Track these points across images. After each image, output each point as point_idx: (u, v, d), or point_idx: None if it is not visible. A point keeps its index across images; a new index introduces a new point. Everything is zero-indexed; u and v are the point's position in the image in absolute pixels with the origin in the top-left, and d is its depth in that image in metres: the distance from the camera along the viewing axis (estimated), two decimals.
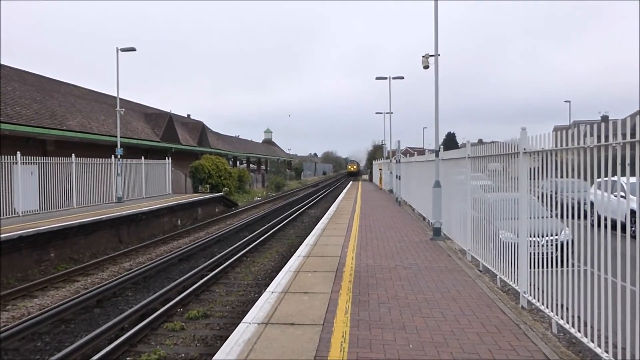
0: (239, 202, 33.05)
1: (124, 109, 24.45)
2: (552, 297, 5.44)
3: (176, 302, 9.29)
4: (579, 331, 4.80)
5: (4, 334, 7.49)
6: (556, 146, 5.41)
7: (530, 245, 6.16)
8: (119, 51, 21.97)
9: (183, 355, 7.07)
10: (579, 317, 4.83)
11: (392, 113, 35.05)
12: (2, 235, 11.63)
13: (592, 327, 4.54)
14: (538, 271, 5.83)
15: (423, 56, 12.39)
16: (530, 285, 6.13)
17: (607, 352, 4.28)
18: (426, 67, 12.51)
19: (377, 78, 30.83)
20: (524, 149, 6.33)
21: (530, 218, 6.27)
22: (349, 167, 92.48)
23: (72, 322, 8.70)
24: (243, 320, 5.63)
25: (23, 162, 16.63)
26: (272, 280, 7.83)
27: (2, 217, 15.43)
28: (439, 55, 11.74)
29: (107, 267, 13.30)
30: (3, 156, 15.80)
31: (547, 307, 5.58)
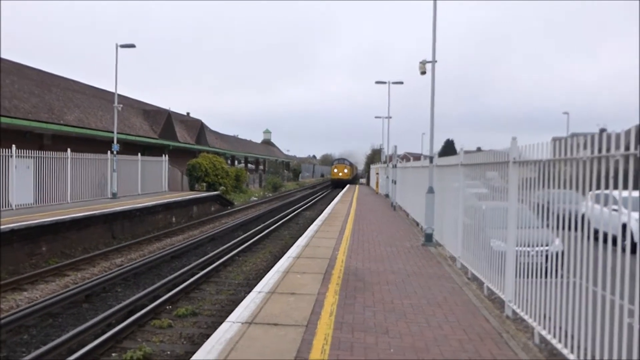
0: (235, 202, 33.06)
1: (122, 105, 24.45)
2: (536, 307, 5.46)
3: (165, 299, 9.31)
4: (560, 342, 4.82)
5: None
6: (546, 157, 5.42)
7: (521, 255, 6.17)
8: (119, 47, 22.01)
9: (169, 352, 7.09)
10: (560, 328, 4.85)
11: (390, 118, 35.13)
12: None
13: (572, 338, 4.56)
14: (525, 281, 5.85)
15: (420, 62, 12.44)
16: (517, 294, 6.15)
17: None
18: (423, 73, 12.56)
19: (377, 82, 30.85)
20: (514, 159, 6.37)
21: (522, 228, 6.27)
22: (335, 170, 59.14)
23: (60, 316, 8.71)
24: (227, 319, 5.65)
25: (19, 156, 16.62)
26: None
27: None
28: (436, 61, 11.80)
29: (98, 263, 13.30)
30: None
31: (531, 317, 5.60)
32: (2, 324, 7.68)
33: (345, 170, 58.02)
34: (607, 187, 4.14)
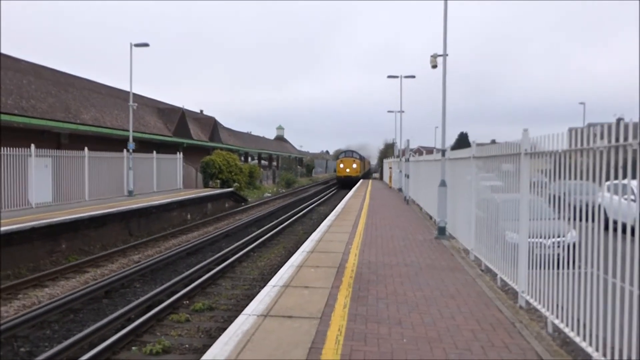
0: (248, 198, 33.27)
1: (136, 104, 24.75)
2: (550, 297, 5.49)
3: (182, 294, 9.48)
4: (572, 330, 4.86)
5: (15, 322, 7.72)
6: (560, 148, 5.37)
7: (535, 247, 6.16)
8: (133, 47, 22.26)
9: (187, 346, 7.24)
10: (573, 317, 4.88)
11: (403, 112, 35.00)
12: (14, 227, 11.91)
13: (584, 327, 4.60)
14: (538, 272, 5.87)
15: (432, 55, 12.44)
16: (530, 285, 6.18)
17: (597, 351, 4.34)
18: (434, 66, 12.56)
19: (389, 77, 30.80)
20: (525, 150, 6.38)
21: (538, 219, 6.24)
22: (341, 165, 48.88)
23: (81, 312, 8.93)
24: (243, 312, 5.77)
25: (37, 155, 16.95)
26: None
27: (16, 208, 15.75)
28: (447, 55, 11.78)
29: (117, 259, 13.55)
30: (18, 149, 16.12)
31: (544, 306, 5.63)
32: (25, 320, 7.91)
33: (354, 165, 47.60)
34: (624, 177, 4.09)
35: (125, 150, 22.68)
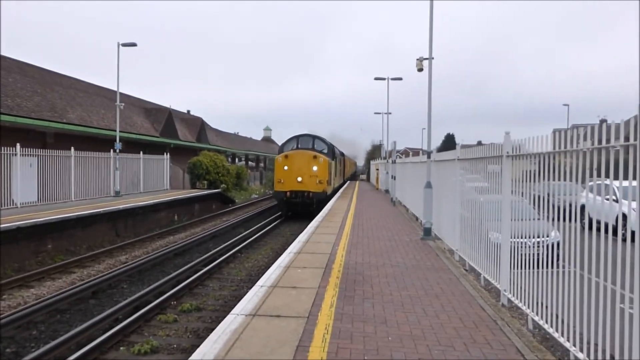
0: (236, 199, 33.26)
1: (123, 104, 24.59)
2: (530, 295, 5.66)
3: (170, 295, 9.51)
4: (551, 327, 5.03)
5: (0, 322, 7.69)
6: (543, 149, 5.50)
7: (519, 246, 6.30)
8: (120, 46, 22.17)
9: (175, 345, 7.29)
10: (552, 314, 5.05)
11: (390, 113, 35.21)
12: (0, 226, 11.83)
13: (562, 322, 4.77)
14: (520, 271, 6.03)
15: (417, 59, 12.61)
16: (511, 284, 6.35)
17: (575, 346, 4.51)
18: (420, 69, 12.73)
19: (376, 79, 31.03)
20: (507, 153, 6.55)
21: (521, 220, 6.39)
22: (285, 167, 22.95)
23: (68, 312, 8.91)
24: (232, 312, 5.85)
25: (22, 154, 16.82)
26: None
27: (0, 208, 15.62)
28: (432, 58, 11.98)
29: (104, 260, 13.51)
30: (3, 147, 15.98)
31: (525, 304, 5.80)
32: (11, 320, 7.89)
33: (315, 168, 23.22)
34: (607, 177, 4.15)
35: (112, 150, 22.56)
